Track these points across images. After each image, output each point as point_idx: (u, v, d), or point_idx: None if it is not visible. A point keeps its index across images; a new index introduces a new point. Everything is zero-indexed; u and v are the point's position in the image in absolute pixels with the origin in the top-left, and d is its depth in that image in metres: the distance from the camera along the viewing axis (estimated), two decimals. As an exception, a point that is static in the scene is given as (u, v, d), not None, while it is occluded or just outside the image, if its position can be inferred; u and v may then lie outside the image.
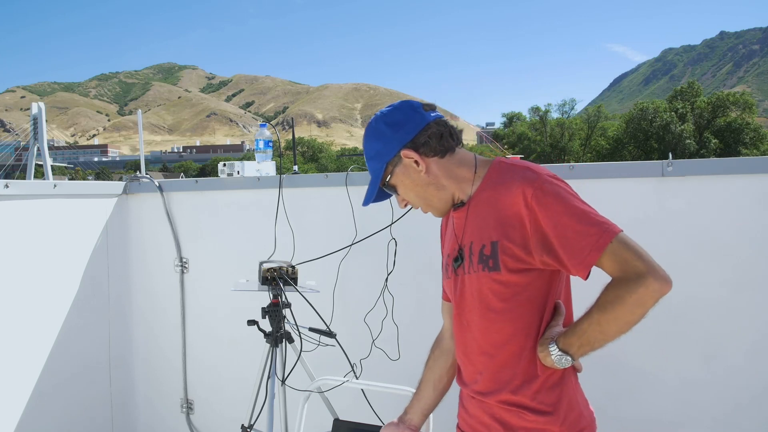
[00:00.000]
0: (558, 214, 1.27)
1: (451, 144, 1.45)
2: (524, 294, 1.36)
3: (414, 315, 2.55)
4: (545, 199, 1.28)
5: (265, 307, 2.16)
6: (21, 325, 2.55)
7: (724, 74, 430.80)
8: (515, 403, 1.39)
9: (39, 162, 24.77)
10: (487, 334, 1.42)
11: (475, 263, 1.40)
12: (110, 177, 66.35)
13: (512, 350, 1.39)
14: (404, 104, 1.47)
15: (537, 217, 1.29)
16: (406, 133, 1.42)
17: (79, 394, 2.87)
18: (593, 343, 1.29)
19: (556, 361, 1.32)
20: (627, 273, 1.22)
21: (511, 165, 1.41)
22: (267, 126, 2.98)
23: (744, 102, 49.11)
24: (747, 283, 2.15)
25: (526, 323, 1.38)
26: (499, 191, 1.37)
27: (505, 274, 1.35)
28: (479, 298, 1.41)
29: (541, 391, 1.37)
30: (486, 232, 1.38)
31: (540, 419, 1.36)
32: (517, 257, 1.33)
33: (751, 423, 2.18)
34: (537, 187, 1.29)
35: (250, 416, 2.16)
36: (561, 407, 1.37)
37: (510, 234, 1.33)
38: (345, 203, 2.60)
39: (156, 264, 3.11)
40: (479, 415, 1.48)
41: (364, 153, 1.50)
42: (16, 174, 36.79)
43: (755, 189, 2.13)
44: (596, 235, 1.24)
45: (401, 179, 1.46)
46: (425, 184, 1.45)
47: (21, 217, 2.56)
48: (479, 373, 1.46)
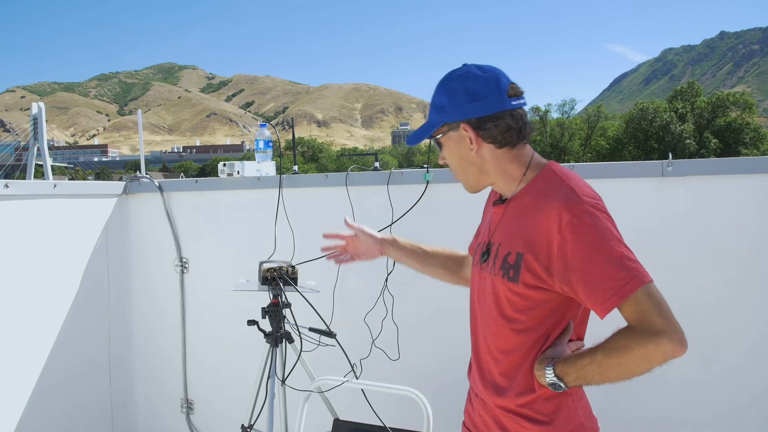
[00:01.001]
0: (590, 248, 1.21)
1: (514, 140, 1.38)
2: (539, 309, 1.33)
3: (414, 315, 2.55)
4: (580, 229, 1.22)
5: (265, 307, 2.16)
6: (21, 324, 2.55)
7: (724, 74, 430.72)
8: (513, 410, 1.38)
9: (39, 162, 24.77)
10: (495, 338, 1.41)
11: (497, 267, 1.38)
12: (110, 177, 66.35)
13: (516, 359, 1.37)
14: (493, 78, 1.36)
15: (567, 245, 1.24)
16: (477, 109, 1.35)
17: (79, 393, 2.87)
18: (590, 380, 1.26)
19: (549, 384, 1.30)
20: (643, 325, 1.18)
21: (559, 178, 1.34)
22: (267, 126, 2.98)
23: (744, 102, 49.12)
24: (747, 283, 2.15)
25: (535, 337, 1.35)
26: (537, 203, 1.33)
27: (522, 288, 1.32)
28: (495, 302, 1.39)
29: (538, 401, 1.35)
30: (515, 240, 1.35)
31: (536, 428, 1.34)
32: (537, 275, 1.29)
33: (752, 422, 2.18)
34: (575, 214, 1.23)
35: (250, 416, 2.16)
36: (559, 418, 1.35)
37: (536, 251, 1.29)
38: (345, 203, 2.60)
39: (156, 264, 3.11)
40: (482, 414, 1.49)
41: (432, 97, 1.43)
42: (16, 174, 36.80)
43: (755, 189, 2.13)
44: (623, 281, 1.18)
45: (451, 144, 1.42)
46: (470, 162, 1.41)
47: (21, 217, 2.56)
48: (482, 373, 1.47)
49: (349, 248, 1.93)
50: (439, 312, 2.56)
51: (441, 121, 1.40)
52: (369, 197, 2.60)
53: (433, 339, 2.57)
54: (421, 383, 2.09)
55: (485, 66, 1.39)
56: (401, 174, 2.56)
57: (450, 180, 2.51)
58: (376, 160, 2.80)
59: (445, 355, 2.55)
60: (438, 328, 2.57)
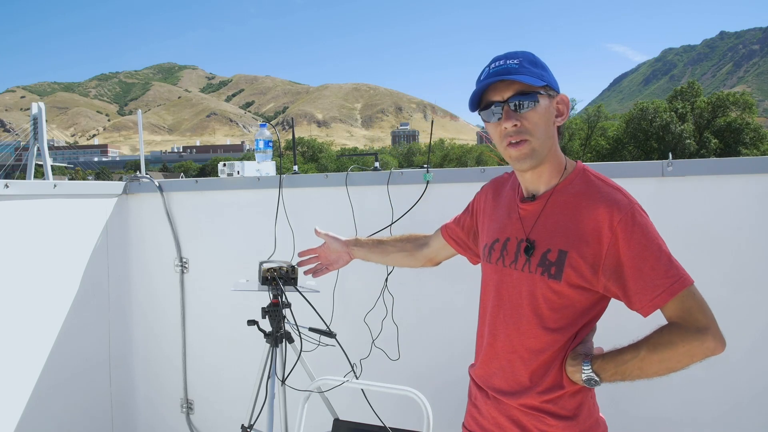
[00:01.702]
0: (641, 247, 1.25)
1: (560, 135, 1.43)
2: (573, 308, 1.35)
3: (414, 315, 2.55)
4: (633, 228, 1.26)
5: (265, 307, 2.16)
6: (21, 324, 2.55)
7: (724, 74, 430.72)
8: (538, 407, 1.38)
9: (39, 162, 24.78)
10: (525, 337, 1.40)
11: (533, 264, 1.37)
12: (110, 177, 66.35)
13: (545, 358, 1.37)
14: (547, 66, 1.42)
15: (618, 243, 1.27)
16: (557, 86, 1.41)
17: (79, 393, 2.87)
18: (627, 376, 1.28)
19: (585, 380, 1.31)
20: (687, 322, 1.24)
21: (599, 179, 1.38)
22: (267, 126, 2.98)
23: (744, 102, 49.08)
24: (747, 283, 2.15)
25: (567, 336, 1.36)
26: (581, 202, 1.34)
27: (564, 287, 1.33)
28: (529, 300, 1.38)
29: (564, 397, 1.37)
30: (556, 238, 1.35)
31: (560, 424, 1.36)
32: (582, 274, 1.31)
33: (752, 422, 2.18)
34: (627, 213, 1.28)
35: (250, 416, 2.16)
36: (581, 413, 1.37)
37: (583, 250, 1.30)
38: (345, 203, 2.60)
39: (156, 264, 3.11)
40: (495, 416, 1.46)
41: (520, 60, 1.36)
42: (16, 174, 36.81)
43: (755, 189, 2.13)
44: (673, 278, 1.24)
45: (542, 109, 1.35)
46: (551, 134, 1.38)
47: (21, 217, 2.56)
48: (503, 371, 1.44)
49: (322, 259, 2.06)
50: (440, 312, 2.56)
51: (547, 80, 1.35)
52: (369, 197, 2.60)
53: (433, 339, 2.57)
54: (421, 383, 2.09)
55: None
56: (401, 174, 2.56)
57: (450, 180, 2.52)
58: (376, 160, 2.80)
59: (445, 355, 2.55)
60: (438, 328, 2.57)
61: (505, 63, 1.35)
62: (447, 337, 2.54)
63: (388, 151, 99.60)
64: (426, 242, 1.89)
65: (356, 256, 2.01)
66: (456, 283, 2.51)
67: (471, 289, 2.49)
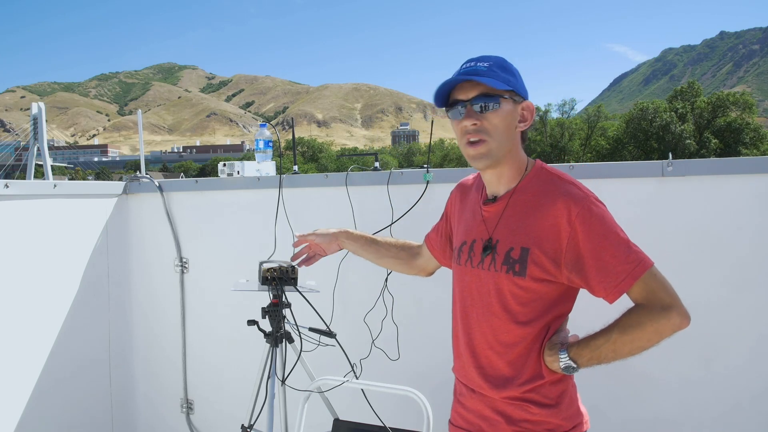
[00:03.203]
0: (600, 237, 1.31)
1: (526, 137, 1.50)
2: (541, 301, 1.40)
3: (414, 315, 2.55)
4: (590, 220, 1.32)
5: (265, 307, 2.16)
6: (21, 324, 2.55)
7: (724, 74, 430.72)
8: (520, 398, 1.42)
9: (39, 162, 24.79)
10: (497, 332, 1.44)
11: (498, 263, 1.42)
12: (110, 177, 66.37)
13: (521, 351, 1.42)
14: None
15: (577, 236, 1.32)
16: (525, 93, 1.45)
17: (79, 393, 2.87)
18: (602, 359, 1.34)
19: (563, 368, 1.36)
20: (652, 303, 1.30)
21: (555, 175, 1.42)
22: (267, 126, 2.98)
23: (744, 102, 49.10)
24: (747, 283, 2.15)
25: (539, 327, 1.41)
26: (540, 200, 1.39)
27: (529, 282, 1.37)
28: (497, 298, 1.43)
29: (546, 386, 1.41)
30: (518, 236, 1.40)
31: (543, 412, 1.40)
32: (544, 268, 1.36)
33: (752, 422, 2.18)
34: (584, 206, 1.32)
35: (250, 416, 2.16)
36: (563, 401, 1.42)
37: (543, 245, 1.35)
38: (345, 203, 2.60)
39: (156, 264, 3.11)
40: (479, 409, 1.49)
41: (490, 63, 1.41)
42: (16, 174, 36.81)
43: (755, 189, 2.12)
44: (633, 264, 1.29)
45: (504, 112, 1.39)
46: (510, 138, 1.42)
47: (21, 217, 2.56)
48: (482, 368, 1.48)
49: (313, 248, 2.05)
50: (440, 312, 2.55)
51: (510, 87, 1.40)
52: (369, 197, 2.60)
53: (433, 339, 2.56)
54: (421, 383, 2.09)
55: None
56: (401, 174, 2.56)
57: (450, 180, 2.51)
58: (376, 160, 2.80)
59: (445, 355, 2.54)
60: (438, 328, 2.56)
61: (475, 65, 1.41)
62: (447, 337, 2.53)
63: (388, 151, 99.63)
64: (419, 253, 1.94)
65: (345, 248, 2.02)
66: (456, 283, 2.52)
67: (471, 289, 2.50)
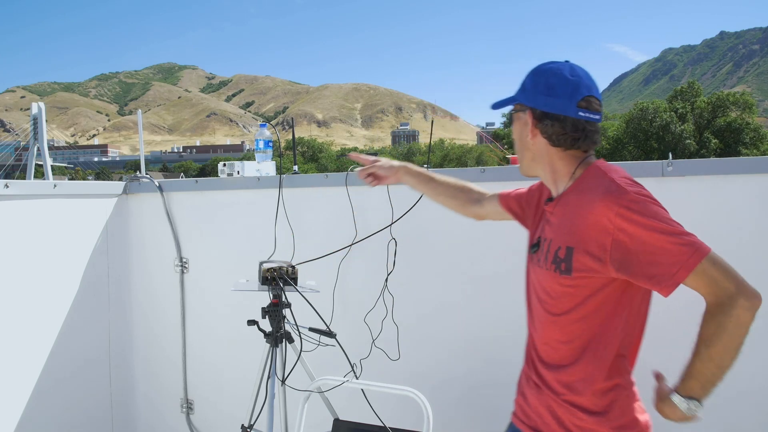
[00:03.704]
0: (645, 232, 1.27)
1: (566, 144, 1.46)
2: (593, 300, 1.39)
3: (414, 315, 2.55)
4: (631, 217, 1.28)
5: (265, 307, 2.16)
6: (21, 324, 2.55)
7: (724, 74, 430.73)
8: (569, 400, 1.43)
9: (39, 162, 24.81)
10: (552, 327, 1.47)
11: (548, 262, 1.44)
12: (110, 177, 66.38)
13: (571, 350, 1.43)
14: (573, 84, 1.44)
15: (621, 234, 1.29)
16: (545, 104, 1.45)
17: (79, 393, 2.87)
18: (714, 379, 1.29)
19: (686, 410, 1.32)
20: (718, 296, 1.25)
21: (602, 172, 1.41)
22: (267, 126, 2.98)
23: (744, 102, 49.06)
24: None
25: (593, 325, 1.40)
26: (582, 199, 1.40)
27: (576, 280, 1.38)
28: (547, 294, 1.46)
29: (596, 393, 1.40)
30: (564, 235, 1.42)
31: (590, 419, 1.40)
32: (589, 267, 1.35)
33: (751, 422, 2.18)
34: (622, 204, 1.29)
35: (250, 416, 2.16)
36: (613, 410, 1.40)
37: (587, 245, 1.35)
38: (345, 203, 2.60)
39: (156, 264, 3.11)
40: (536, 405, 1.52)
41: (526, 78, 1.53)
42: (16, 174, 36.82)
43: (755, 189, 2.12)
44: (686, 254, 1.24)
45: (517, 123, 1.55)
46: (525, 146, 1.53)
47: (21, 217, 2.56)
48: (543, 360, 1.51)
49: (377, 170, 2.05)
50: (439, 312, 2.56)
51: (518, 99, 1.52)
52: (369, 197, 2.60)
53: (433, 339, 2.57)
54: (421, 383, 2.09)
55: (579, 72, 1.46)
56: (401, 174, 2.56)
57: (450, 180, 2.52)
58: (376, 160, 2.80)
59: (445, 355, 2.55)
60: (438, 328, 2.57)
61: None
62: (447, 337, 2.55)
63: (388, 151, 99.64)
64: (479, 200, 1.94)
65: (404, 182, 2.04)
66: (456, 284, 2.52)
67: (471, 289, 2.50)
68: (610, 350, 1.40)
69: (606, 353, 1.40)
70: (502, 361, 2.44)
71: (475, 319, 2.49)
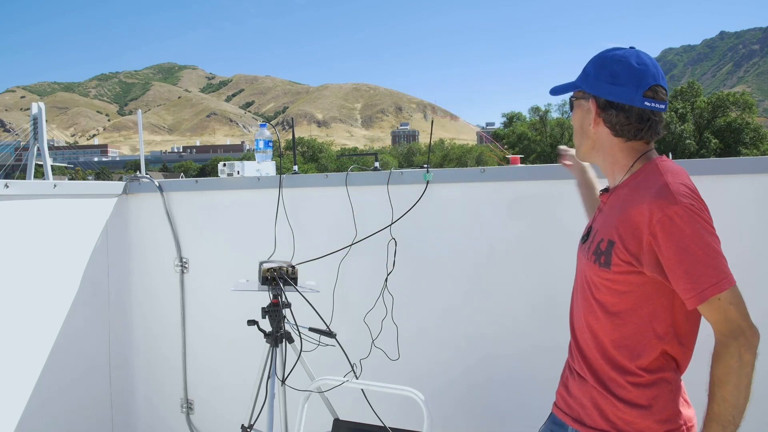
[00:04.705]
0: (678, 248, 1.28)
1: (629, 134, 1.45)
2: (633, 294, 1.40)
3: (414, 315, 2.55)
4: (670, 229, 1.29)
5: (265, 307, 2.16)
6: (21, 325, 2.55)
7: (724, 74, 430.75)
8: (613, 392, 1.43)
9: (39, 162, 24.81)
10: (591, 318, 1.47)
11: (590, 252, 1.46)
12: (110, 177, 66.37)
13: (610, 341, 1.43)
14: (639, 73, 1.42)
15: (657, 241, 1.31)
16: (610, 92, 1.44)
17: (79, 393, 2.87)
18: (735, 419, 1.33)
19: None
20: (723, 333, 1.31)
21: (659, 172, 1.40)
22: (267, 126, 2.98)
23: (744, 102, 49.04)
24: (746, 283, 2.14)
25: (629, 321, 1.41)
26: (633, 196, 1.40)
27: (614, 274, 1.39)
28: (589, 286, 1.47)
29: (638, 386, 1.41)
30: (609, 228, 1.42)
31: (634, 412, 1.40)
32: (628, 262, 1.37)
33: (750, 421, 2.18)
34: (667, 214, 1.29)
35: (250, 416, 2.16)
36: (656, 404, 1.41)
37: (626, 241, 1.36)
38: (345, 203, 2.60)
39: (156, 264, 3.11)
40: (579, 396, 1.51)
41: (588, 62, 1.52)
42: (16, 174, 36.81)
43: (755, 189, 2.13)
44: (719, 277, 1.28)
45: (578, 110, 1.54)
46: (586, 134, 1.52)
47: (21, 217, 2.56)
48: (582, 350, 1.51)
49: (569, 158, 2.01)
50: (439, 312, 2.56)
51: (580, 86, 1.52)
52: (369, 197, 2.60)
53: (433, 339, 2.57)
54: (421, 383, 2.09)
55: (646, 59, 1.44)
56: (401, 174, 2.57)
57: (450, 180, 2.52)
58: (376, 160, 2.80)
59: (444, 355, 2.55)
60: (438, 327, 2.57)
61: None
62: (447, 337, 2.55)
63: (388, 151, 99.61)
64: None
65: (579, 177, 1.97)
66: (456, 283, 2.52)
67: (471, 289, 2.50)
68: (653, 346, 1.40)
69: (648, 349, 1.40)
70: (501, 361, 2.44)
71: (475, 319, 2.49)
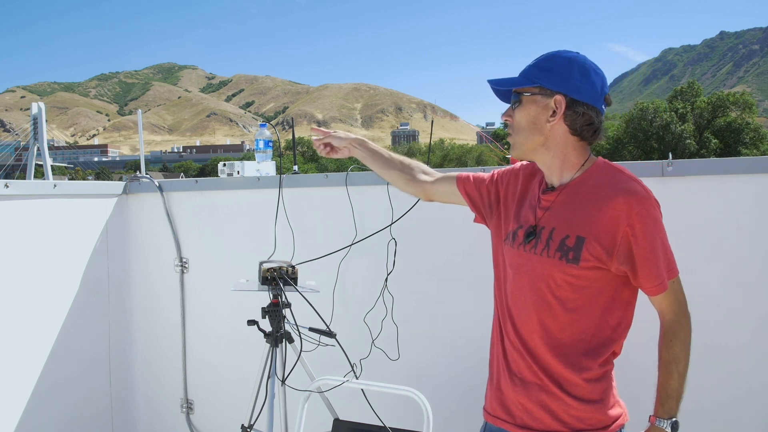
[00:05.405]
0: (652, 239, 1.40)
1: (587, 135, 1.48)
2: (591, 289, 1.44)
3: (414, 315, 2.55)
4: (647, 220, 1.39)
5: (265, 307, 2.16)
6: (21, 325, 2.55)
7: (724, 74, 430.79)
8: (565, 390, 1.44)
9: (39, 162, 24.84)
10: (543, 318, 1.47)
11: (551, 249, 1.45)
12: (110, 177, 66.38)
13: (567, 338, 1.45)
14: (602, 78, 1.48)
15: (633, 232, 1.38)
16: (580, 91, 1.44)
17: (79, 393, 2.87)
18: (683, 394, 1.44)
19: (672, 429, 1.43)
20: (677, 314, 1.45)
21: (618, 170, 1.48)
22: (267, 126, 2.98)
23: (744, 102, 49.01)
24: (746, 283, 2.15)
25: (585, 316, 1.45)
26: (600, 192, 1.43)
27: (582, 270, 1.41)
28: (547, 284, 1.46)
29: (590, 381, 1.44)
30: (575, 225, 1.43)
31: (587, 407, 1.43)
32: (598, 257, 1.40)
33: (751, 422, 2.18)
34: (644, 207, 1.40)
35: (250, 416, 2.16)
36: (606, 396, 1.46)
37: (600, 236, 1.40)
38: (345, 203, 2.60)
39: (156, 264, 3.11)
40: (523, 401, 1.50)
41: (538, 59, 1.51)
42: (16, 174, 36.83)
43: (755, 189, 2.12)
44: (673, 263, 1.45)
45: (531, 106, 1.48)
46: (538, 131, 1.48)
47: (21, 217, 2.56)
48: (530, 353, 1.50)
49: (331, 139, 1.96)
50: (439, 311, 2.56)
51: (538, 81, 1.46)
52: (369, 197, 2.60)
53: (433, 339, 2.57)
54: (421, 383, 2.09)
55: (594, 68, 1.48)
56: (401, 174, 2.56)
57: (450, 180, 2.51)
58: (376, 160, 2.79)
59: (445, 355, 2.55)
60: (438, 327, 2.57)
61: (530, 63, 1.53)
62: (447, 337, 2.54)
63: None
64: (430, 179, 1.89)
65: (354, 155, 1.96)
66: (456, 283, 2.52)
67: (470, 288, 2.50)
68: (604, 340, 1.46)
69: (600, 342, 1.45)
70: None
71: (475, 318, 2.49)
